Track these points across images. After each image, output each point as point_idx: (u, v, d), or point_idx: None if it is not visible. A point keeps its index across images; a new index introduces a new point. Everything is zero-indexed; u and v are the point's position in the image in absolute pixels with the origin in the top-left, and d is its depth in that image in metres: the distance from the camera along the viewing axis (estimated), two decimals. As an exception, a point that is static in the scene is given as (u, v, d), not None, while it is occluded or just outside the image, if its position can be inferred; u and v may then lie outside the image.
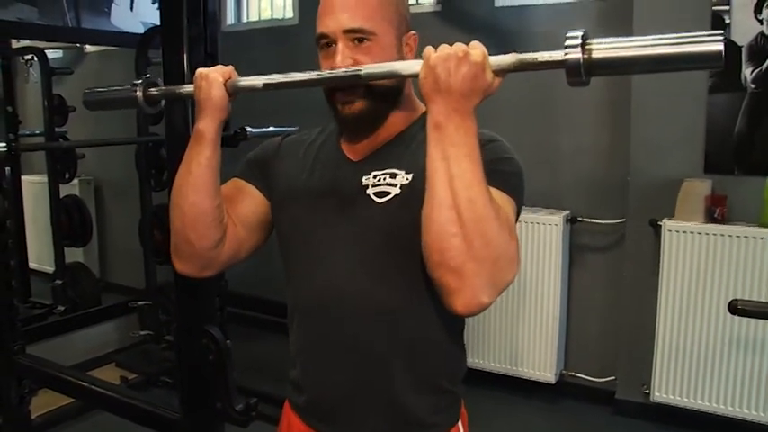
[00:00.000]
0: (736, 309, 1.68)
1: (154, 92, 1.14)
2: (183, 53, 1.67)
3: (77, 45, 4.59)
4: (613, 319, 3.03)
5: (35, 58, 3.87)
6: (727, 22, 2.60)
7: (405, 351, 1.03)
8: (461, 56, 0.83)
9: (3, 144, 2.91)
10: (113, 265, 4.82)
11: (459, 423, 1.12)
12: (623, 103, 2.86)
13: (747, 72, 2.59)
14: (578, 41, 0.80)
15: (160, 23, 1.76)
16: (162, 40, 1.76)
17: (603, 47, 0.81)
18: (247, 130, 2.85)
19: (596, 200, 3.07)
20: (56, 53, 4.59)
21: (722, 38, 0.74)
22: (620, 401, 2.99)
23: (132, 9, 3.96)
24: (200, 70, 1.05)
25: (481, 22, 3.30)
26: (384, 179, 1.03)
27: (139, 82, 1.13)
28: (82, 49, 4.70)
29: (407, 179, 1.01)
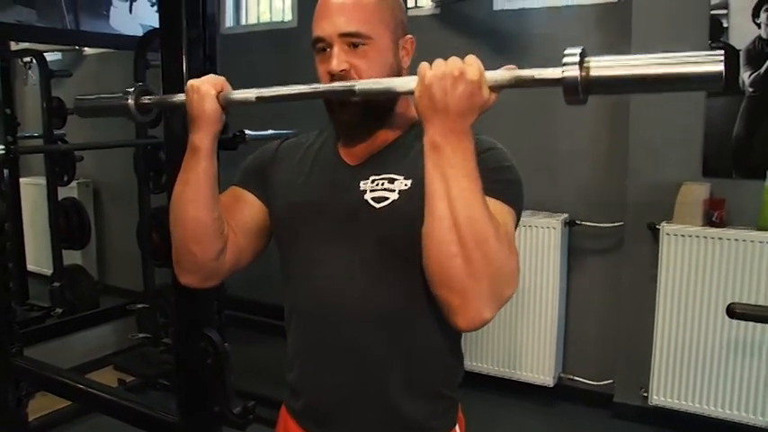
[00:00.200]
0: (734, 312, 1.69)
1: (146, 100, 1.13)
2: (182, 56, 1.67)
3: (76, 47, 4.59)
4: (612, 323, 3.03)
5: (34, 60, 3.88)
6: (726, 25, 2.61)
7: (402, 356, 1.03)
8: (457, 75, 0.82)
9: (1, 146, 2.89)
10: (112, 268, 4.81)
11: (457, 427, 1.12)
12: (622, 106, 2.86)
13: (745, 75, 2.60)
14: (576, 59, 0.79)
15: (159, 26, 1.76)
16: (161, 42, 1.76)
17: (602, 65, 0.79)
18: (246, 133, 2.85)
19: (595, 203, 3.08)
20: (55, 55, 4.60)
21: (723, 58, 0.73)
22: (619, 405, 2.99)
23: (131, 11, 3.97)
24: (191, 82, 1.03)
25: (480, 25, 3.31)
26: (382, 184, 1.02)
27: (132, 90, 1.12)
28: (81, 52, 4.70)
29: (406, 185, 1.01)
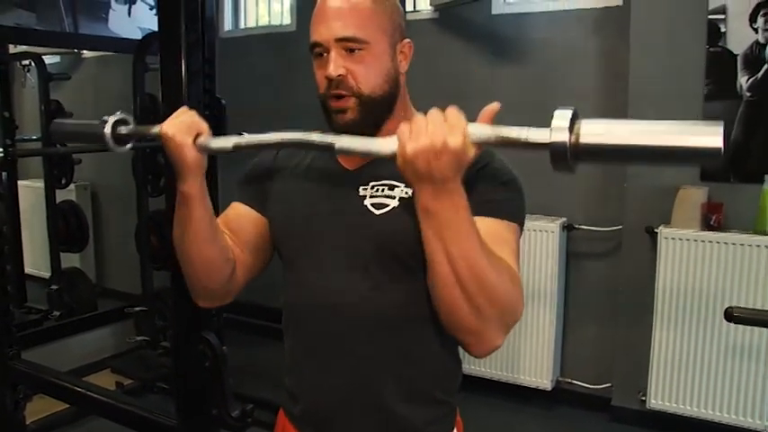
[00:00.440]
0: (732, 316, 1.69)
1: (123, 131, 1.11)
2: (181, 59, 1.67)
3: (75, 50, 4.60)
4: (610, 327, 3.03)
5: (32, 63, 3.89)
6: (723, 30, 2.62)
7: (400, 361, 1.03)
8: (440, 147, 0.80)
9: (0, 149, 2.90)
10: (110, 271, 4.81)
11: (455, 431, 1.12)
12: (620, 110, 2.87)
13: (743, 80, 2.60)
14: (566, 123, 0.74)
15: (158, 29, 1.77)
16: (160, 46, 1.77)
17: (594, 132, 0.74)
18: (244, 135, 2.86)
19: (593, 207, 3.08)
20: (53, 58, 4.60)
21: (722, 131, 0.69)
22: (617, 408, 2.99)
23: (130, 15, 3.97)
24: (165, 130, 0.99)
25: (478, 29, 3.31)
26: (382, 191, 1.02)
27: (109, 119, 1.10)
28: (79, 55, 4.71)
29: (407, 193, 1.00)
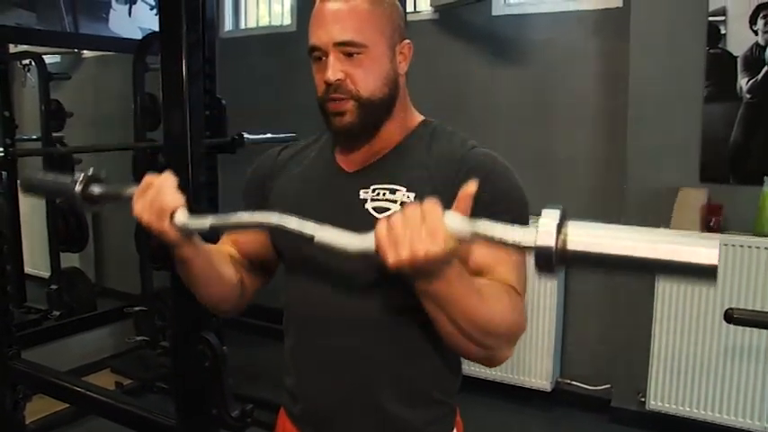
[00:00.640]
0: (731, 317, 1.68)
1: (94, 191, 1.06)
2: (182, 59, 1.68)
3: (75, 50, 4.60)
4: (609, 328, 3.03)
5: (33, 62, 3.89)
6: (723, 32, 2.62)
7: (399, 362, 1.03)
8: (421, 258, 0.77)
9: (0, 149, 2.90)
10: (109, 271, 4.81)
11: (455, 431, 1.12)
12: (620, 111, 2.87)
13: (743, 82, 2.61)
14: (554, 227, 0.70)
15: (159, 30, 1.77)
16: (161, 46, 1.77)
17: (582, 238, 0.70)
18: (245, 136, 2.86)
19: (593, 208, 3.07)
20: (53, 58, 4.60)
21: (717, 247, 0.66)
22: (616, 409, 2.99)
23: (130, 15, 3.96)
24: (138, 215, 0.96)
25: (479, 30, 3.32)
26: (384, 194, 1.02)
27: (80, 177, 1.06)
28: (79, 55, 4.71)
29: (409, 198, 1.00)
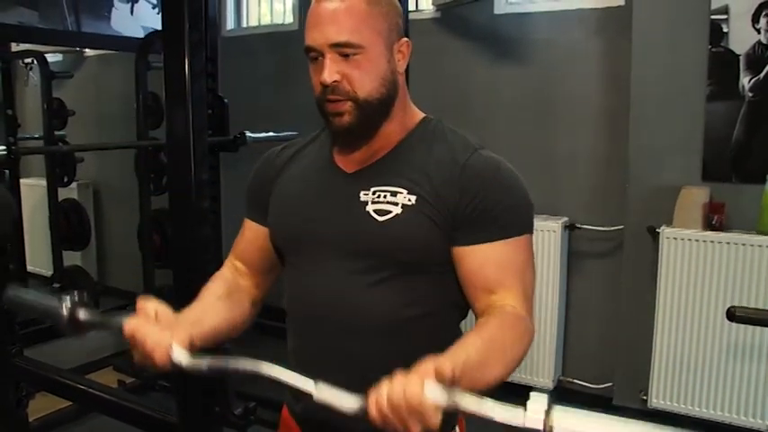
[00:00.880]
0: (734, 316, 1.68)
1: (81, 316, 1.01)
2: (185, 58, 1.67)
3: (77, 49, 4.60)
4: (611, 326, 3.03)
5: (35, 61, 3.89)
6: (725, 30, 2.61)
7: (400, 362, 1.03)
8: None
9: (2, 147, 2.90)
10: (112, 269, 4.81)
11: (457, 429, 1.12)
12: (622, 109, 2.87)
13: (745, 80, 2.60)
14: (542, 414, 0.71)
15: (162, 28, 1.77)
16: (163, 44, 1.77)
17: (568, 426, 0.71)
18: (247, 135, 2.86)
19: (595, 207, 3.08)
20: (56, 57, 4.60)
21: None
22: (618, 408, 2.98)
23: (132, 13, 3.97)
24: (136, 359, 0.97)
25: (481, 29, 3.31)
26: (385, 196, 1.01)
27: (67, 299, 1.00)
28: (82, 53, 4.71)
29: (411, 200, 1.00)
